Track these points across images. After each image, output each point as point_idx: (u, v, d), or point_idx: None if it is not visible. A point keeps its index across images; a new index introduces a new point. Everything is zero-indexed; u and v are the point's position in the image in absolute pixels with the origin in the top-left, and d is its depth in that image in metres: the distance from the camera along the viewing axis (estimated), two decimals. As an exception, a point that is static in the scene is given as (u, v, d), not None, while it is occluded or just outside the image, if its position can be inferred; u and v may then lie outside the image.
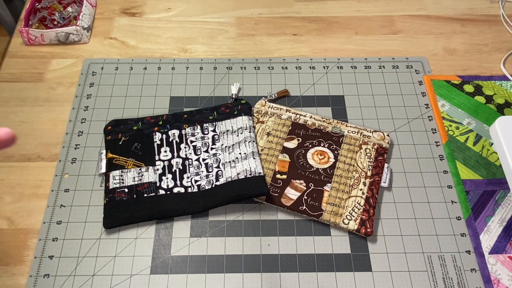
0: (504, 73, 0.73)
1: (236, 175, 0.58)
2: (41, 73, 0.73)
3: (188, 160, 0.61)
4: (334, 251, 0.56)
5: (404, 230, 0.58)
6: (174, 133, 0.64)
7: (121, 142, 0.63)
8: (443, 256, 0.56)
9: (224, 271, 0.55)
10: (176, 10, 0.84)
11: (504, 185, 0.61)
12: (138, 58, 0.75)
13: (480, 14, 0.83)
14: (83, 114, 0.68)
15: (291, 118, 0.66)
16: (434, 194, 0.61)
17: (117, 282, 0.54)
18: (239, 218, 0.59)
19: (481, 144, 0.65)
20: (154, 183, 0.59)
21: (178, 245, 0.56)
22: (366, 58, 0.75)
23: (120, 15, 0.82)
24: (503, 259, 0.55)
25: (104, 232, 0.57)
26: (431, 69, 0.74)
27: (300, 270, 0.55)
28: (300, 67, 0.74)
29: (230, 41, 0.78)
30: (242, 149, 0.61)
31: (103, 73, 0.73)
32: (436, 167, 0.63)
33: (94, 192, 0.60)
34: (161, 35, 0.79)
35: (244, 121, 0.64)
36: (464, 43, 0.78)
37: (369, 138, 0.63)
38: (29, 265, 0.55)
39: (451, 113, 0.68)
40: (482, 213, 0.59)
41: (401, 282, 0.54)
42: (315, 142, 0.63)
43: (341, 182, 0.59)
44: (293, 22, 0.81)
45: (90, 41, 0.78)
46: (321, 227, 0.58)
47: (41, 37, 0.75)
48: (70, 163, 0.63)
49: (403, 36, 0.79)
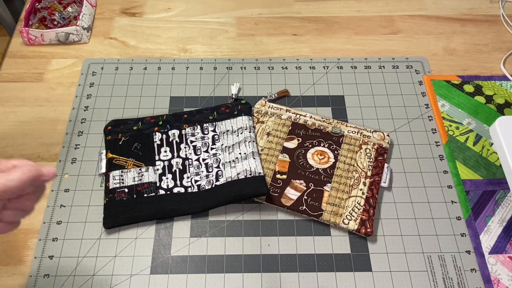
0: (504, 73, 0.73)
1: (236, 175, 0.58)
2: (41, 73, 0.73)
3: (188, 160, 0.61)
4: (334, 251, 0.56)
5: (404, 230, 0.58)
6: (174, 133, 0.64)
7: (121, 142, 0.63)
8: (443, 256, 0.56)
9: (224, 271, 0.55)
10: (176, 10, 0.84)
11: (504, 185, 0.61)
12: (138, 58, 0.75)
13: (480, 14, 0.83)
14: (83, 114, 0.68)
15: (291, 118, 0.66)
16: (434, 194, 0.60)
17: (117, 282, 0.54)
18: (239, 218, 0.59)
19: (481, 144, 0.65)
20: (154, 183, 0.59)
21: (178, 245, 0.56)
22: (366, 58, 0.75)
23: (120, 15, 0.82)
24: (503, 259, 0.55)
25: (104, 232, 0.57)
26: (431, 69, 0.74)
27: (300, 270, 0.55)
28: (300, 67, 0.74)
29: (230, 41, 0.78)
30: (242, 149, 0.61)
31: (103, 73, 0.73)
32: (436, 167, 0.63)
33: (94, 192, 0.60)
34: (161, 35, 0.79)
35: (244, 121, 0.64)
36: (464, 43, 0.78)
37: (369, 138, 0.63)
38: (29, 265, 0.55)
39: (451, 113, 0.68)
40: (482, 213, 0.59)
41: (401, 282, 0.54)
42: (315, 142, 0.63)
43: (341, 182, 0.59)
44: (293, 22, 0.81)
45: (90, 41, 0.78)
46: (321, 227, 0.58)
47: (41, 37, 0.75)
48: (70, 163, 0.63)
49: (403, 36, 0.79)
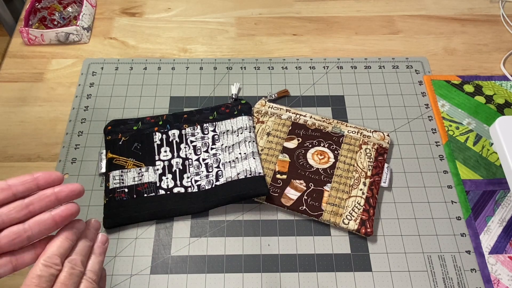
0: (504, 73, 0.73)
1: (236, 175, 0.58)
2: (41, 73, 0.73)
3: (188, 160, 0.61)
4: (334, 251, 0.56)
5: (404, 230, 0.58)
6: (174, 133, 0.64)
7: (121, 142, 0.63)
8: (443, 256, 0.56)
9: (224, 271, 0.55)
10: (176, 10, 0.84)
11: (504, 185, 0.61)
12: (138, 58, 0.75)
13: (480, 14, 0.83)
14: (83, 114, 0.68)
15: (291, 118, 0.66)
16: (434, 194, 0.60)
17: (117, 282, 0.54)
18: (239, 218, 0.59)
19: (481, 144, 0.65)
20: (154, 183, 0.59)
21: (178, 245, 0.56)
22: (366, 58, 0.75)
23: (120, 15, 0.82)
24: (503, 259, 0.55)
25: (104, 232, 0.57)
26: (431, 69, 0.74)
27: (300, 270, 0.55)
28: (300, 67, 0.74)
29: (230, 41, 0.78)
30: (242, 149, 0.61)
31: (103, 73, 0.73)
32: (436, 167, 0.63)
33: (94, 192, 0.60)
34: (161, 35, 0.79)
35: (244, 121, 0.64)
36: (464, 43, 0.78)
37: (369, 138, 0.63)
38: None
39: (451, 113, 0.68)
40: (482, 213, 0.59)
41: (401, 282, 0.54)
42: (315, 142, 0.63)
43: (341, 182, 0.59)
44: (293, 22, 0.81)
45: (90, 41, 0.78)
46: (321, 227, 0.58)
47: (41, 37, 0.75)
48: (70, 163, 0.63)
49: (403, 36, 0.79)
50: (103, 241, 0.36)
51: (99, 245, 0.36)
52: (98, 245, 0.36)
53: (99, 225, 0.37)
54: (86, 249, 0.35)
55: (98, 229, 0.37)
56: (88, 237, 0.35)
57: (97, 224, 0.37)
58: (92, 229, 0.36)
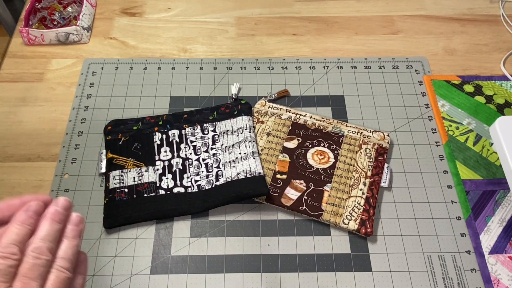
0: (504, 73, 0.73)
1: (236, 175, 0.58)
2: (41, 73, 0.73)
3: (188, 160, 0.61)
4: (334, 251, 0.56)
5: (404, 230, 0.58)
6: (174, 133, 0.64)
7: (121, 142, 0.63)
8: (443, 256, 0.56)
9: (224, 271, 0.55)
10: (176, 10, 0.84)
11: (504, 185, 0.61)
12: (138, 58, 0.75)
13: (480, 14, 0.83)
14: (83, 114, 0.68)
15: (291, 118, 0.66)
16: (434, 194, 0.61)
17: (117, 282, 0.54)
18: (239, 218, 0.59)
19: (481, 144, 0.65)
20: (154, 183, 0.59)
21: (178, 245, 0.56)
22: (366, 58, 0.75)
23: (120, 15, 0.82)
24: (503, 259, 0.55)
25: (104, 232, 0.57)
26: (431, 69, 0.74)
27: (300, 270, 0.55)
28: (300, 67, 0.74)
29: (230, 41, 0.78)
30: (242, 149, 0.61)
31: (103, 73, 0.73)
32: (436, 167, 0.63)
33: (94, 192, 0.60)
34: (161, 35, 0.79)
35: (244, 121, 0.64)
36: (464, 43, 0.78)
37: (369, 138, 0.63)
38: (29, 265, 0.55)
39: (451, 113, 0.68)
40: (482, 213, 0.59)
41: (401, 282, 0.54)
42: (315, 142, 0.63)
43: (341, 182, 0.59)
44: (293, 22, 0.81)
45: (90, 41, 0.78)
46: (321, 227, 0.58)
47: (41, 37, 0.75)
48: (70, 163, 0.63)
49: (403, 36, 0.79)
50: (76, 222, 0.32)
51: (72, 228, 0.31)
52: (70, 227, 0.31)
53: (69, 204, 0.32)
54: (53, 233, 0.30)
55: (68, 209, 0.32)
56: (56, 219, 0.31)
57: (66, 203, 0.32)
58: (62, 209, 0.32)
